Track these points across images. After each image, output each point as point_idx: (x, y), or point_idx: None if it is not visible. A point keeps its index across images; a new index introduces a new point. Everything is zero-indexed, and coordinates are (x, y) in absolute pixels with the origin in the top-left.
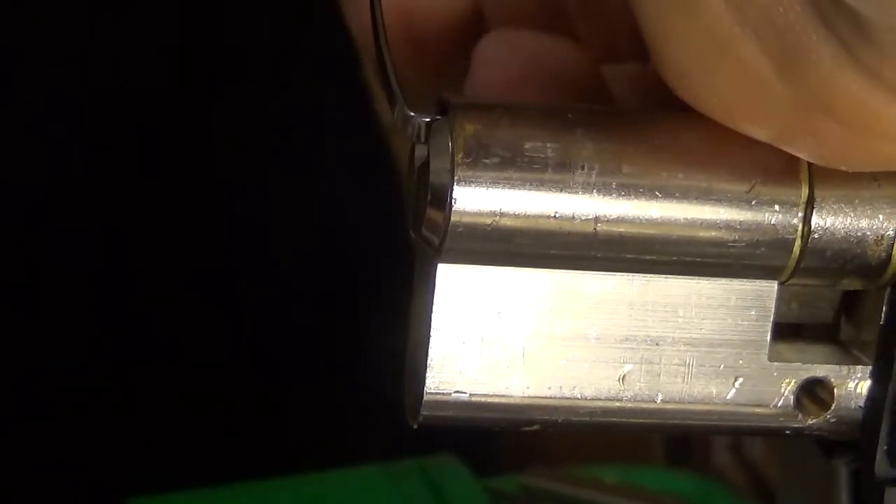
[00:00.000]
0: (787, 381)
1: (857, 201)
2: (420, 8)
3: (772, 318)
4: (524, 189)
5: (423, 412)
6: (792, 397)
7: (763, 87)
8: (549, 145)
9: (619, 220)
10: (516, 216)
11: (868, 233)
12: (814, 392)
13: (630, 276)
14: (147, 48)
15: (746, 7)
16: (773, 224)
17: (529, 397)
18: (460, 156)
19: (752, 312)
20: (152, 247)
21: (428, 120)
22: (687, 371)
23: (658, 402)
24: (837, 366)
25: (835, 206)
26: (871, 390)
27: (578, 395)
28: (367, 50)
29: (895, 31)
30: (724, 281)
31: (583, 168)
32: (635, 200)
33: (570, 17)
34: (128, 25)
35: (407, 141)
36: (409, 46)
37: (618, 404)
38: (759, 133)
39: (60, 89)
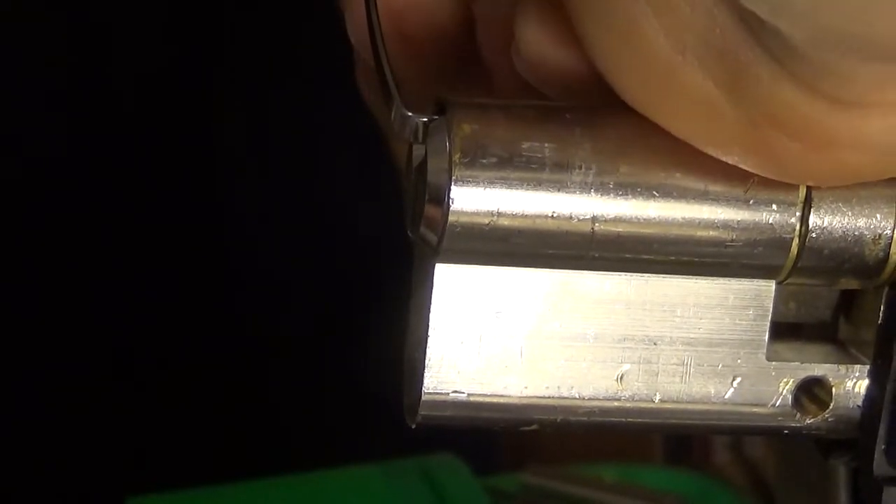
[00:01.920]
0: (785, 380)
1: (854, 200)
2: (410, 9)
3: (770, 318)
4: (522, 189)
5: (422, 412)
6: (790, 396)
7: (713, 110)
8: (546, 145)
9: (617, 220)
10: (514, 216)
11: (866, 232)
12: (812, 391)
13: (628, 275)
14: (147, 48)
15: (684, 33)
16: (771, 223)
17: (528, 397)
18: (458, 156)
19: (750, 312)
20: (152, 247)
21: (425, 120)
22: (685, 371)
23: (656, 401)
24: (836, 365)
25: (832, 206)
26: (870, 389)
27: (577, 395)
28: (360, 50)
29: (818, 44)
30: (721, 280)
31: (580, 168)
32: (633, 200)
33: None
34: (127, 25)
35: (404, 141)
36: (402, 47)
37: (616, 404)
38: (722, 154)
39: (59, 89)
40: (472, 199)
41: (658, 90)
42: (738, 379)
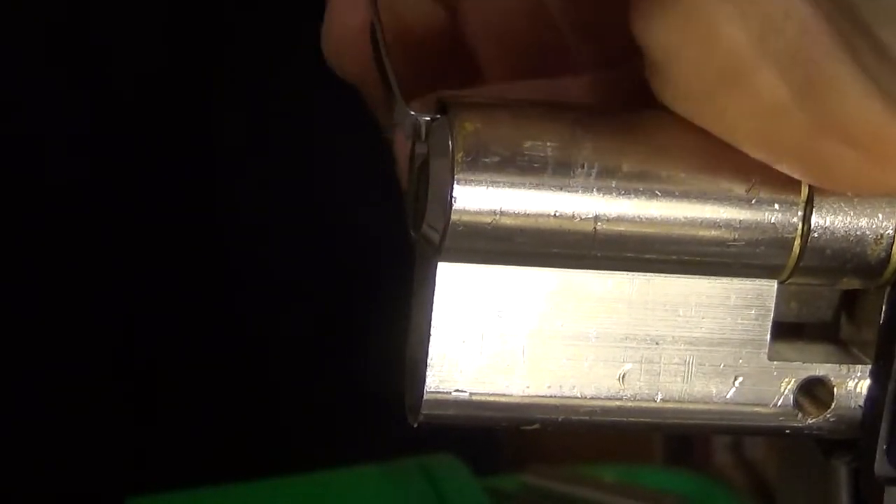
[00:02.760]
0: (786, 380)
1: (856, 200)
2: (406, 13)
3: (771, 317)
4: (524, 188)
5: (424, 411)
6: (791, 396)
7: (778, 113)
8: (549, 144)
9: (619, 219)
10: (516, 215)
11: (868, 232)
12: (813, 391)
13: (630, 275)
14: (147, 48)
15: (770, 39)
16: (773, 223)
17: (529, 396)
18: (460, 155)
19: (752, 311)
20: (152, 246)
21: (428, 119)
22: (687, 370)
23: (658, 401)
24: (837, 365)
25: (834, 206)
26: (871, 389)
27: (578, 394)
28: (354, 54)
29: None
30: (723, 280)
31: (583, 167)
32: (635, 199)
33: (555, 26)
34: (127, 25)
35: (407, 140)
36: (401, 48)
37: (618, 403)
38: (764, 155)
39: (59, 89)
40: (474, 198)
41: (721, 87)
42: (740, 378)
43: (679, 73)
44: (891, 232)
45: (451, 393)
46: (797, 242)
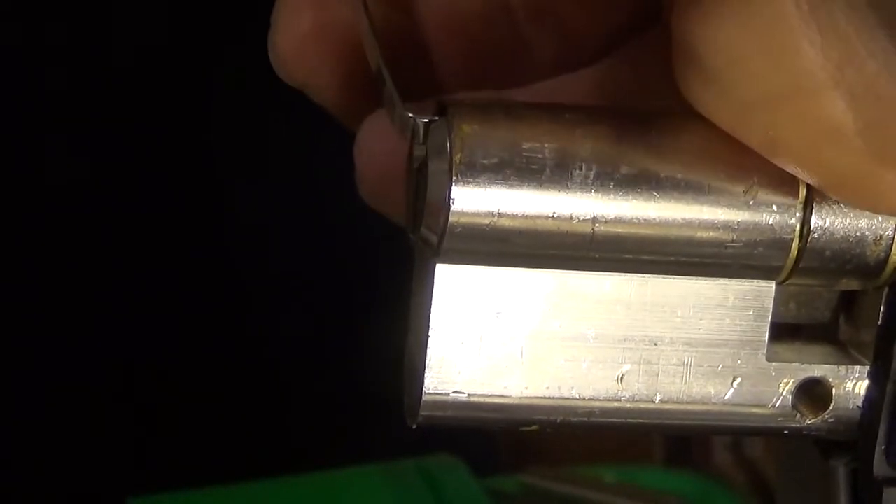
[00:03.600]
0: (785, 381)
1: None
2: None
3: (770, 319)
4: (522, 189)
5: (422, 412)
6: (790, 397)
7: (838, 141)
8: (546, 145)
9: (617, 221)
10: (514, 216)
11: (867, 232)
12: (812, 392)
13: (628, 276)
14: (147, 47)
15: (848, 70)
16: (771, 224)
17: (528, 397)
18: (458, 156)
19: (750, 312)
20: (152, 246)
21: (426, 120)
22: (685, 371)
23: (656, 402)
24: (835, 366)
25: (834, 206)
26: (869, 390)
27: (577, 395)
28: (302, 60)
29: None
30: (722, 281)
31: (580, 168)
32: (633, 201)
33: (517, 21)
34: (127, 24)
35: (405, 141)
36: (357, 52)
37: (616, 404)
38: (811, 175)
39: (59, 88)
40: (472, 200)
41: (782, 102)
42: (738, 379)
43: (737, 81)
44: (890, 233)
45: (449, 394)
46: (795, 244)
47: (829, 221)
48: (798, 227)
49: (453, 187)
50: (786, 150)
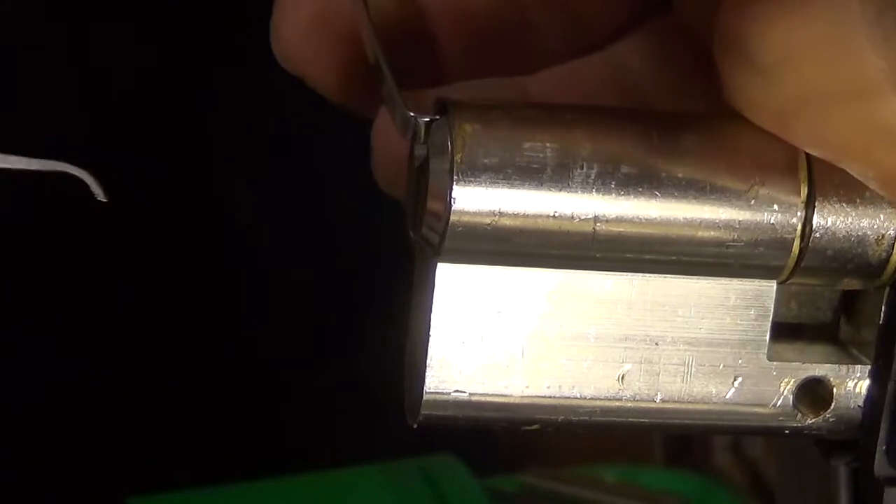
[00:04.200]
0: (786, 380)
1: (857, 200)
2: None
3: (771, 318)
4: (523, 189)
5: (423, 412)
6: (791, 397)
7: (893, 139)
8: (548, 145)
9: (619, 220)
10: (515, 216)
11: (869, 232)
12: (813, 391)
13: (629, 275)
14: (147, 47)
15: None
16: (773, 224)
17: (529, 397)
18: (459, 156)
19: (752, 312)
20: (152, 246)
21: (427, 120)
22: (686, 370)
23: (657, 401)
24: (836, 365)
25: (836, 206)
26: (870, 390)
27: (578, 395)
28: (304, 49)
29: None
30: (723, 280)
31: (582, 168)
32: (634, 200)
33: (526, 5)
34: (128, 24)
35: (406, 141)
36: (359, 45)
37: (617, 404)
38: (851, 166)
39: (58, 88)
40: (473, 199)
41: (839, 101)
42: (739, 379)
43: (789, 78)
44: (892, 232)
45: (450, 393)
46: (797, 243)
47: (830, 221)
48: (799, 227)
49: (454, 187)
50: (837, 148)
